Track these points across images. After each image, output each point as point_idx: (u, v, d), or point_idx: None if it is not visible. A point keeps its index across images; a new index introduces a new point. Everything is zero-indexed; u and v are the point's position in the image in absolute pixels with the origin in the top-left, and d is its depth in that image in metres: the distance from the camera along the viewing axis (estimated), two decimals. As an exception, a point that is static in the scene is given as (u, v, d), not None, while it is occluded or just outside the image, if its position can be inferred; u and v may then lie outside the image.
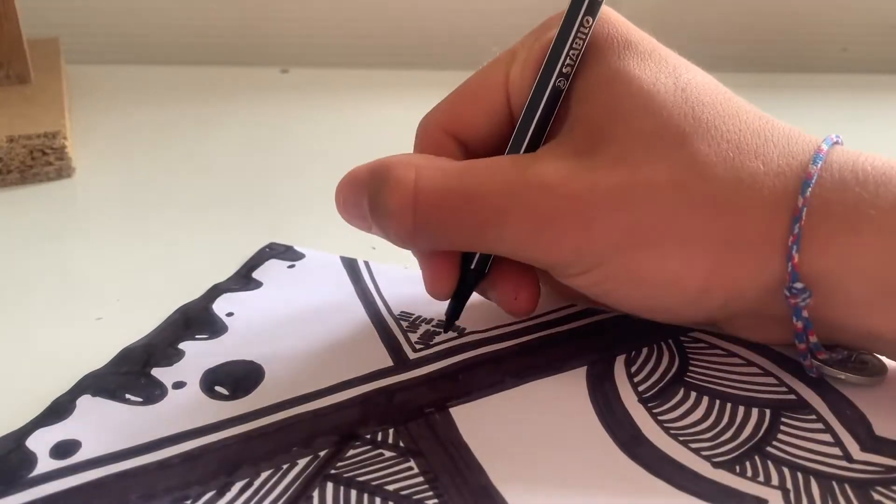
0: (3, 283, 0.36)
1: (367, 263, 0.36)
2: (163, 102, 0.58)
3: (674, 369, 0.29)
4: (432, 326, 0.32)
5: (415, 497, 0.24)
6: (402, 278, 0.35)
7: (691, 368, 0.29)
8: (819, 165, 0.26)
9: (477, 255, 0.30)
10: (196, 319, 0.32)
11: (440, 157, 0.29)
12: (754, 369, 0.29)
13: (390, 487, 0.24)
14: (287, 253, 0.37)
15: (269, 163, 0.49)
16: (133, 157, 0.49)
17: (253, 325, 0.32)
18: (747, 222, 0.26)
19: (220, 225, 0.41)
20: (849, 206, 0.25)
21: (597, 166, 0.27)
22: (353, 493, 0.24)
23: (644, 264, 0.27)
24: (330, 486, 0.25)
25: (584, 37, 0.28)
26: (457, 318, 0.31)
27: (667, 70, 0.28)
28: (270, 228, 0.40)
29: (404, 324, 0.32)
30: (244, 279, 0.35)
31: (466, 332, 0.31)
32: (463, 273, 0.30)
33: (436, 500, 0.24)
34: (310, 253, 0.37)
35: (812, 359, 0.28)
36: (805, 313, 0.27)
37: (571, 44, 0.28)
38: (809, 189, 0.25)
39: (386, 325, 0.32)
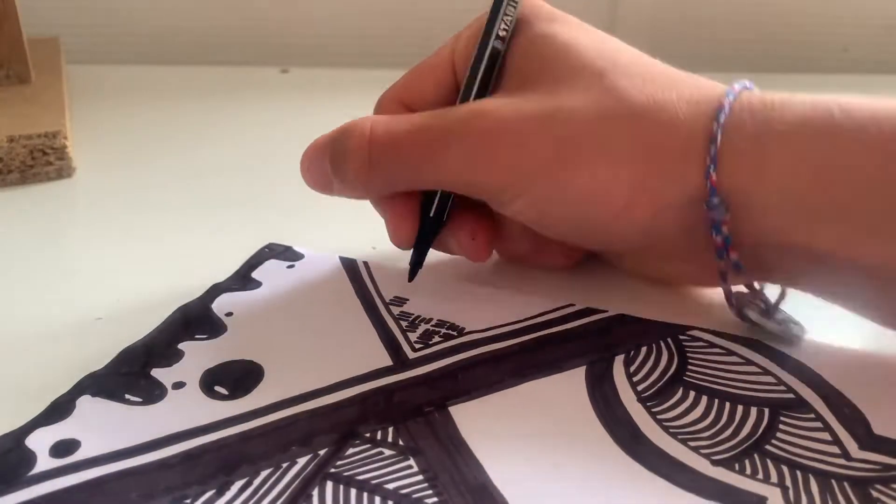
0: (2, 282, 0.36)
1: (366, 263, 0.36)
2: (163, 102, 0.58)
3: (673, 368, 0.29)
4: (432, 326, 0.32)
5: (414, 496, 0.24)
6: (402, 278, 0.35)
7: (690, 367, 0.29)
8: (731, 98, 0.29)
9: (435, 202, 0.32)
10: (195, 319, 0.32)
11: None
12: (753, 368, 0.29)
13: (390, 486, 0.24)
14: (286, 253, 0.37)
15: (269, 163, 0.49)
16: (133, 157, 0.49)
17: (252, 325, 0.32)
18: (667, 137, 0.29)
19: (220, 225, 0.41)
20: (759, 125, 0.28)
21: (526, 100, 0.30)
22: (353, 491, 0.24)
23: (571, 180, 0.29)
24: (329, 484, 0.25)
25: (514, 4, 0.33)
26: (419, 265, 0.33)
27: (587, 32, 0.32)
28: (270, 228, 0.40)
29: (404, 323, 0.32)
30: (243, 279, 0.35)
31: (466, 331, 0.31)
32: (423, 222, 0.33)
33: (435, 499, 0.24)
34: (309, 253, 0.37)
35: (735, 300, 0.30)
36: (725, 229, 0.28)
37: (504, 10, 0.32)
38: (723, 115, 0.28)
39: (385, 325, 0.32)
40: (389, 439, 0.26)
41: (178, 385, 0.29)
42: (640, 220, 0.29)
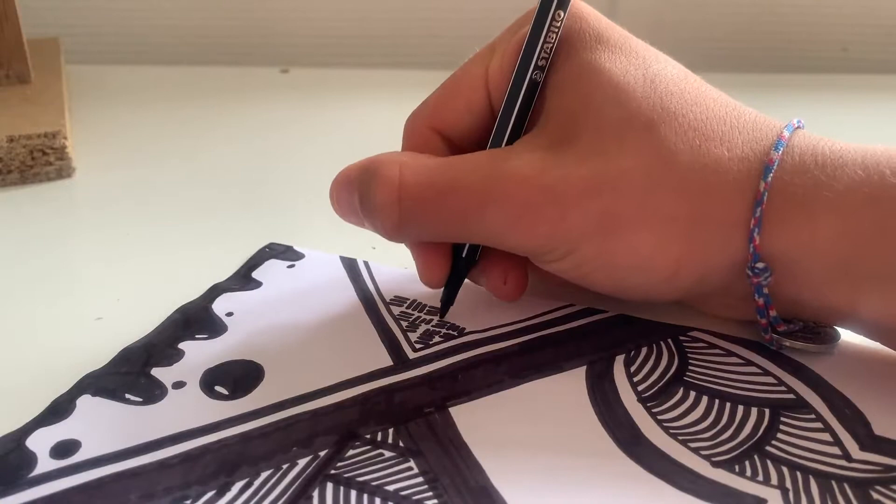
0: (2, 282, 0.36)
1: (366, 263, 0.36)
2: (163, 102, 0.58)
3: (673, 369, 0.29)
4: (432, 326, 0.32)
5: (414, 497, 0.24)
6: (402, 278, 0.35)
7: (690, 368, 0.29)
8: (780, 151, 0.27)
9: (466, 245, 0.31)
10: (196, 319, 0.32)
11: (425, 153, 0.31)
12: (753, 369, 0.29)
13: (390, 487, 0.24)
14: (287, 253, 0.37)
15: (269, 163, 0.49)
16: (133, 157, 0.49)
17: (252, 325, 0.32)
18: (713, 204, 0.27)
19: (220, 225, 0.41)
20: (807, 189, 0.27)
21: (569, 158, 0.28)
22: (353, 493, 0.24)
23: (616, 249, 0.28)
24: (330, 486, 0.25)
25: (556, 30, 0.30)
26: (451, 304, 0.32)
27: (636, 62, 0.29)
28: (270, 228, 0.40)
29: (404, 323, 0.32)
30: (244, 279, 0.35)
31: (466, 331, 0.31)
32: (454, 261, 0.31)
33: (435, 500, 0.24)
34: (309, 253, 0.37)
35: (772, 332, 0.30)
36: (766, 290, 0.28)
37: (545, 37, 0.30)
38: (771, 174, 0.27)
39: (385, 325, 0.32)
40: (390, 441, 0.26)
41: (179, 385, 0.29)
42: (684, 284, 0.29)
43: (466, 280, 0.33)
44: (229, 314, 0.33)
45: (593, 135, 0.28)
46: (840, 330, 0.30)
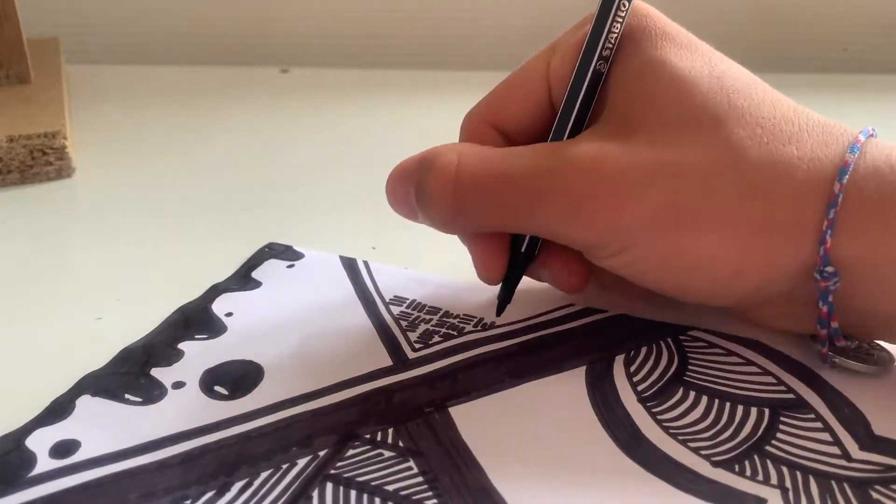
0: (3, 282, 0.36)
1: (366, 263, 0.36)
2: (163, 102, 0.58)
3: (673, 368, 0.29)
4: (431, 326, 0.32)
5: (414, 497, 0.24)
6: (402, 278, 0.35)
7: (690, 368, 0.29)
8: (856, 155, 0.26)
9: (526, 238, 0.30)
10: (195, 319, 0.32)
11: (484, 145, 0.30)
12: (753, 368, 0.29)
13: (390, 487, 0.24)
14: (286, 253, 0.37)
15: (269, 163, 0.49)
16: (133, 156, 0.49)
17: (252, 325, 0.32)
18: (781, 206, 0.26)
19: (220, 225, 0.41)
20: (884, 195, 0.26)
21: (632, 149, 0.27)
22: (353, 493, 0.24)
23: (677, 246, 0.27)
24: (329, 486, 0.25)
25: (621, 20, 0.29)
26: (508, 301, 0.31)
27: (702, 59, 0.29)
28: (270, 228, 0.40)
29: (403, 323, 0.32)
30: (243, 279, 0.35)
31: (466, 331, 0.31)
32: (513, 256, 0.30)
33: (435, 501, 0.24)
34: (309, 253, 0.37)
35: (829, 346, 0.28)
36: (831, 298, 0.27)
37: (610, 26, 0.29)
38: (847, 176, 0.26)
39: (385, 325, 0.32)
40: (389, 440, 0.26)
41: (178, 385, 0.29)
42: (746, 288, 0.28)
43: (462, 283, 0.33)
44: (229, 314, 0.33)
45: (657, 128, 0.27)
46: (892, 350, 0.29)
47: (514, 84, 0.31)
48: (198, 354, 0.30)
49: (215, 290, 0.34)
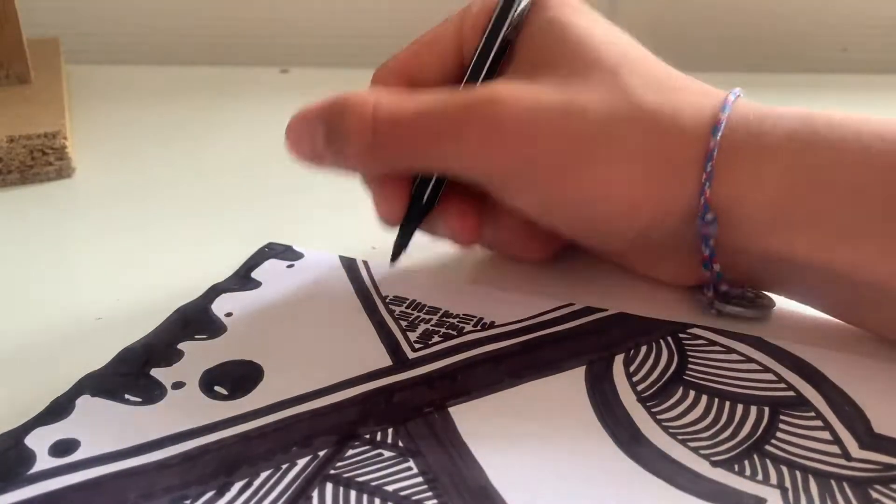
0: (2, 282, 0.36)
1: (365, 263, 0.36)
2: (163, 102, 0.58)
3: (672, 367, 0.29)
4: (431, 326, 0.32)
5: (414, 497, 0.24)
6: (401, 278, 0.35)
7: (690, 366, 0.29)
8: (727, 113, 0.29)
9: (429, 187, 0.32)
10: (195, 320, 0.32)
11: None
12: (753, 365, 0.29)
13: (389, 488, 0.24)
14: (286, 253, 0.37)
15: (268, 163, 0.48)
16: (133, 157, 0.49)
17: (252, 325, 0.32)
18: (672, 144, 0.29)
19: (220, 225, 0.41)
20: (749, 140, 0.29)
21: (542, 87, 0.30)
22: (353, 493, 0.24)
23: (581, 175, 0.29)
24: (329, 486, 0.25)
25: None
26: (405, 246, 0.33)
27: (599, 22, 0.32)
28: (270, 228, 0.40)
29: (403, 323, 0.32)
30: (243, 279, 0.35)
31: (465, 331, 0.31)
32: (413, 202, 0.32)
33: (435, 501, 0.24)
34: (308, 253, 0.37)
35: (713, 290, 0.31)
36: (711, 242, 0.30)
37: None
38: (720, 133, 0.29)
39: (385, 325, 0.32)
40: (389, 440, 0.26)
41: (178, 385, 0.29)
42: (641, 222, 0.30)
43: (464, 280, 0.33)
44: (228, 314, 0.33)
45: (563, 74, 0.30)
46: (774, 297, 0.32)
47: (428, 44, 0.34)
48: (197, 354, 0.30)
49: (215, 291, 0.34)
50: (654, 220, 0.30)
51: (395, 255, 0.33)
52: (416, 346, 0.31)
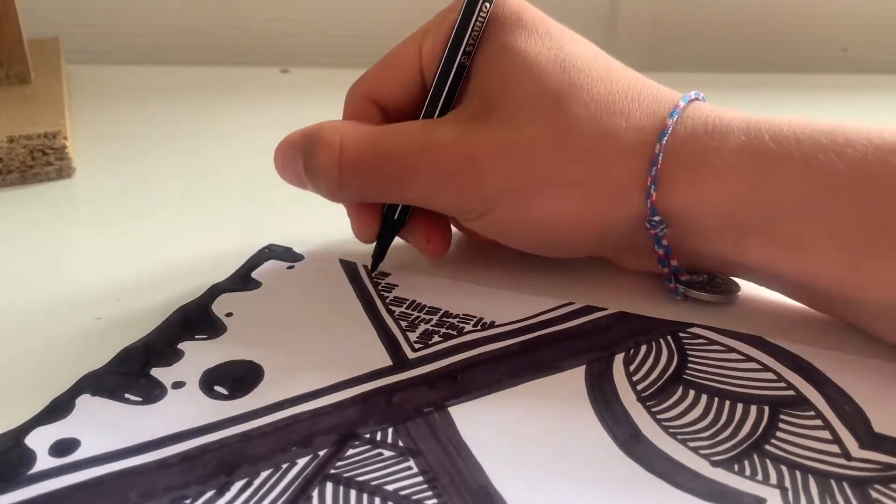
0: (2, 282, 0.36)
1: (366, 267, 0.36)
2: (163, 102, 0.58)
3: (672, 367, 0.29)
4: (431, 326, 0.32)
5: (414, 497, 0.24)
6: (401, 278, 0.35)
7: (690, 365, 0.29)
8: (675, 119, 0.31)
9: (399, 207, 0.34)
10: (195, 319, 0.32)
11: (362, 122, 0.34)
12: (753, 365, 0.29)
13: (390, 487, 0.24)
14: (286, 254, 0.37)
15: (269, 163, 0.48)
16: (133, 157, 0.49)
17: (252, 325, 0.32)
18: (609, 169, 0.31)
19: (220, 225, 0.41)
20: (696, 154, 0.30)
21: (488, 128, 0.31)
22: (353, 492, 0.24)
23: (527, 207, 0.31)
24: (329, 485, 0.25)
25: (483, 20, 0.33)
26: (381, 259, 0.35)
27: (550, 43, 0.33)
28: (269, 228, 0.40)
29: (403, 323, 0.32)
30: (243, 279, 0.35)
31: (465, 331, 0.31)
32: (386, 221, 0.35)
33: (435, 500, 0.24)
34: (309, 255, 0.37)
35: (676, 282, 0.33)
36: (665, 241, 0.32)
37: (472, 26, 0.33)
38: (665, 138, 0.30)
39: (385, 325, 0.32)
40: (389, 440, 0.26)
41: (178, 385, 0.29)
42: (587, 240, 0.32)
43: (464, 280, 0.33)
44: (229, 314, 0.33)
45: (509, 109, 0.31)
46: (739, 281, 0.33)
47: (390, 64, 0.35)
48: (198, 354, 0.30)
49: (215, 291, 0.34)
50: (601, 235, 0.32)
51: (374, 266, 0.35)
52: (417, 346, 0.31)
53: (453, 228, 0.37)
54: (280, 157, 0.35)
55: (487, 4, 0.33)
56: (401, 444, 0.26)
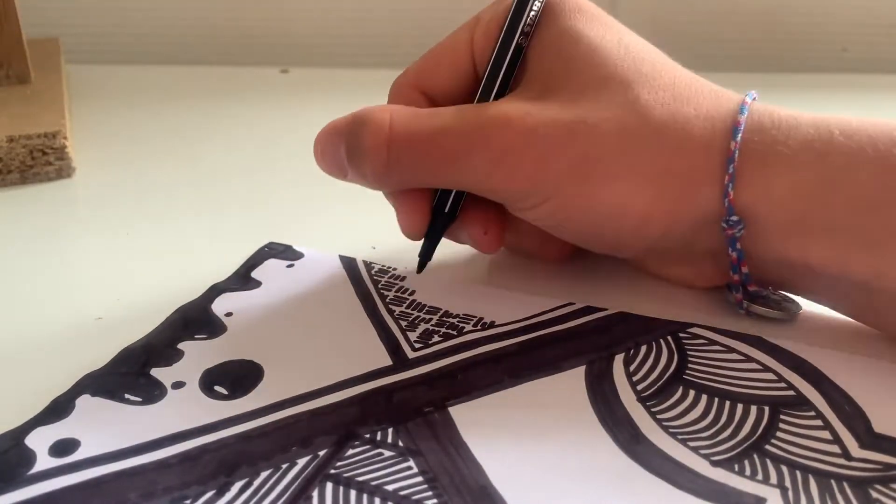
0: (3, 282, 0.36)
1: (366, 263, 0.36)
2: (163, 102, 0.58)
3: (672, 367, 0.29)
4: (431, 326, 0.32)
5: (414, 497, 0.24)
6: (402, 278, 0.35)
7: (690, 366, 0.29)
8: (745, 115, 0.29)
9: (450, 198, 0.32)
10: (195, 319, 0.32)
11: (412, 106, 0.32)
12: (754, 365, 0.29)
13: (389, 487, 0.24)
14: (286, 252, 0.37)
15: (269, 162, 0.49)
16: (133, 157, 0.49)
17: (252, 325, 0.32)
18: (683, 158, 0.29)
19: (220, 224, 0.41)
20: (766, 146, 0.29)
21: (552, 107, 0.30)
22: (353, 492, 0.24)
23: (592, 194, 0.30)
24: (329, 485, 0.25)
25: (541, 1, 0.32)
26: (429, 258, 0.33)
27: (612, 31, 0.32)
28: (269, 228, 0.40)
29: (403, 323, 0.32)
30: (243, 279, 0.35)
31: (465, 331, 0.31)
32: (435, 215, 0.33)
33: (435, 500, 0.24)
34: (308, 252, 0.37)
35: (743, 292, 0.31)
36: (739, 245, 0.30)
37: (530, 7, 0.32)
38: (740, 134, 0.29)
39: (385, 324, 0.32)
40: (389, 440, 0.26)
41: (178, 385, 0.29)
42: (653, 234, 0.30)
43: (463, 280, 0.33)
44: (228, 314, 0.33)
45: (573, 91, 0.30)
46: (800, 301, 0.32)
47: (441, 53, 0.34)
48: (197, 354, 0.30)
49: (215, 290, 0.34)
50: (667, 232, 0.30)
51: (421, 266, 0.34)
52: (416, 345, 0.31)
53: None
54: (320, 143, 0.33)
55: None
56: (401, 444, 0.26)
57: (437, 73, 0.33)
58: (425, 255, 0.33)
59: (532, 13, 0.32)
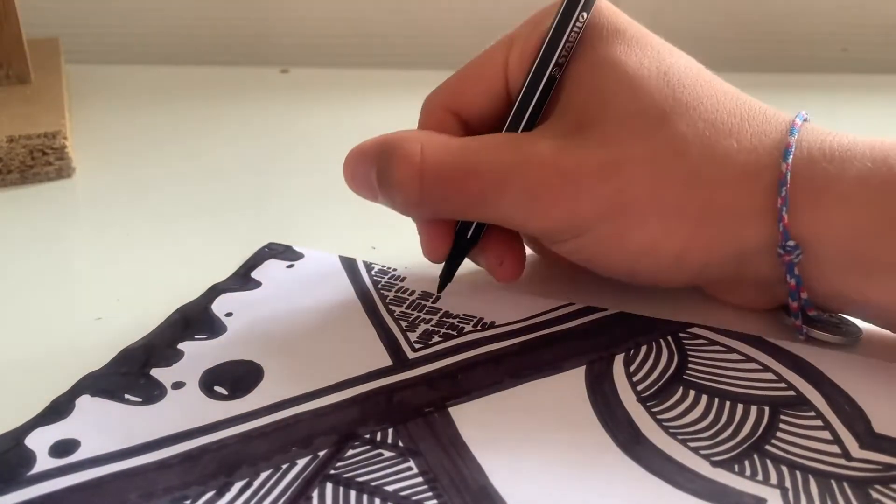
0: (2, 282, 0.36)
1: (366, 263, 0.36)
2: (163, 102, 0.58)
3: (672, 367, 0.29)
4: (431, 326, 0.32)
5: (414, 497, 0.24)
6: (402, 278, 0.35)
7: (690, 366, 0.29)
8: (796, 136, 0.28)
9: (473, 225, 0.32)
10: (195, 320, 0.32)
11: (442, 133, 0.31)
12: (754, 365, 0.29)
13: (389, 488, 0.24)
14: (286, 253, 0.37)
15: (268, 163, 0.49)
16: (133, 156, 0.49)
17: (252, 325, 0.32)
18: (719, 195, 0.28)
19: (220, 225, 0.41)
20: (816, 180, 0.28)
21: (586, 144, 0.29)
22: (353, 493, 0.24)
23: (625, 232, 0.29)
24: (329, 486, 0.25)
25: (578, 31, 0.31)
26: (450, 279, 0.33)
27: (651, 55, 0.30)
28: (269, 228, 0.40)
29: (403, 323, 0.32)
30: (243, 279, 0.35)
31: (466, 331, 0.31)
32: (457, 240, 0.32)
33: (435, 501, 0.24)
34: (309, 253, 0.37)
35: (802, 317, 0.30)
36: (797, 271, 0.29)
37: (567, 37, 0.30)
38: (791, 156, 0.28)
39: (385, 325, 0.32)
40: (389, 441, 0.26)
41: (178, 385, 0.29)
42: (689, 271, 0.30)
43: (463, 280, 0.33)
44: (229, 314, 0.33)
45: (608, 125, 0.29)
46: (861, 324, 0.31)
47: (473, 74, 0.33)
48: (197, 355, 0.30)
49: (215, 291, 0.34)
50: (706, 266, 0.30)
51: (441, 287, 0.33)
52: (417, 346, 0.31)
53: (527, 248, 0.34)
54: (350, 168, 0.32)
55: (584, 14, 0.30)
56: (401, 444, 0.26)
57: (469, 93, 0.33)
58: (446, 277, 0.33)
59: (569, 44, 0.30)
